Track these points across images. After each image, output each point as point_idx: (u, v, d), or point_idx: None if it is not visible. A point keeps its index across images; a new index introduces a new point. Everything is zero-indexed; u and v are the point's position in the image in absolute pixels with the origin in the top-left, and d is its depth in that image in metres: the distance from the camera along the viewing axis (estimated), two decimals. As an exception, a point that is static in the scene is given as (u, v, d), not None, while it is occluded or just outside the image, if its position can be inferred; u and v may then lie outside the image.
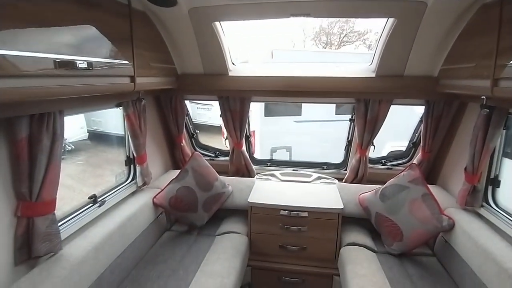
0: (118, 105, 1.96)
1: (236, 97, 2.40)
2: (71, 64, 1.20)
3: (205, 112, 6.58)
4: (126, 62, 1.60)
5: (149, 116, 2.25)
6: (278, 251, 2.24)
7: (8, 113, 1.17)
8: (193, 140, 2.93)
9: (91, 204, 1.82)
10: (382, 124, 2.43)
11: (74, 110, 1.60)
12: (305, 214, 2.17)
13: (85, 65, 1.28)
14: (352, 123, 2.67)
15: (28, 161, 1.30)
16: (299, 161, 3.05)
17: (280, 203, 2.20)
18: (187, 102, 2.68)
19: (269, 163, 2.95)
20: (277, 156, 5.22)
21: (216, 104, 2.52)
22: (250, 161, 2.76)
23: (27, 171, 1.30)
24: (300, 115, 5.63)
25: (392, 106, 2.37)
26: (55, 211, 1.43)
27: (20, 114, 1.22)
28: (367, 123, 2.42)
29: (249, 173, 2.77)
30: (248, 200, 2.24)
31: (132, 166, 2.25)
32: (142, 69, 1.75)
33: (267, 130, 5.42)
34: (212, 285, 1.69)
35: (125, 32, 1.60)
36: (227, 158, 2.81)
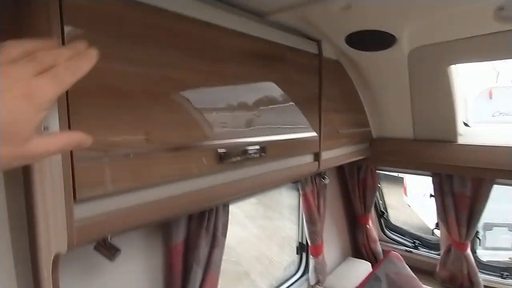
0: (293, 181, 1.54)
1: (467, 176, 1.53)
2: (239, 153, 0.83)
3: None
4: (311, 134, 1.14)
5: (328, 188, 1.73)
6: None
7: (166, 218, 0.89)
8: (381, 220, 2.18)
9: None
10: None
11: (239, 194, 1.26)
12: None
13: (257, 150, 0.88)
14: None
15: (182, 271, 0.98)
16: None
17: None
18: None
19: (505, 274, 1.80)
20: (492, 237, 3.49)
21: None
22: (476, 269, 1.72)
23: (180, 283, 0.99)
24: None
25: None
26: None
27: (177, 217, 0.92)
28: None
29: (472, 287, 1.74)
30: None
31: (304, 255, 1.75)
32: (329, 140, 1.25)
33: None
34: None
35: (312, 91, 1.16)
36: (434, 255, 1.91)
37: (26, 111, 0.32)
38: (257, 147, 0.88)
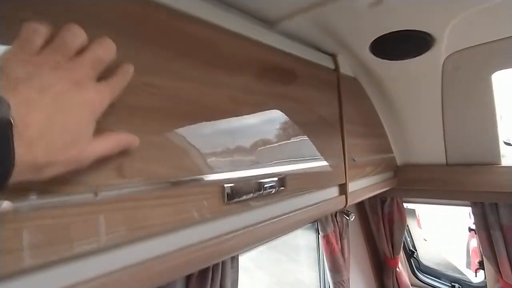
0: (314, 221, 1.30)
1: (516, 204, 1.30)
2: (252, 189, 0.61)
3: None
4: (335, 162, 0.93)
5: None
6: None
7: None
8: (411, 260, 1.89)
9: None
10: None
11: (253, 245, 1.01)
12: None
13: (274, 183, 0.67)
14: None
15: None
16: None
17: None
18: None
19: None
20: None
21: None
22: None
23: None
24: None
25: None
26: None
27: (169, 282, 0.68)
28: None
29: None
30: None
31: (328, 312, 1.46)
32: (354, 169, 1.04)
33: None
34: None
35: (331, 111, 0.97)
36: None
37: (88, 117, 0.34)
38: (275, 179, 0.67)
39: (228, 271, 0.79)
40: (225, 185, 0.56)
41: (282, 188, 0.68)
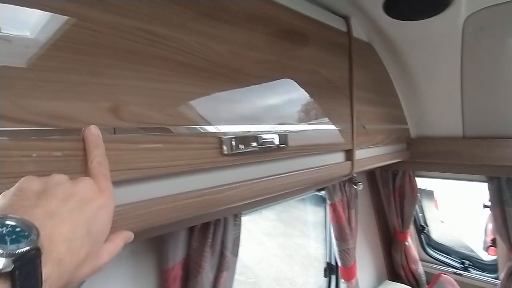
0: (319, 189, 1.31)
1: (535, 180, 1.25)
2: (250, 142, 0.62)
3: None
4: (342, 126, 0.92)
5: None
6: None
7: (154, 231, 0.68)
8: (421, 236, 1.88)
9: None
10: None
11: (256, 205, 1.03)
12: None
13: (276, 142, 0.67)
14: None
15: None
16: None
17: None
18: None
19: None
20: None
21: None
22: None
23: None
24: None
25: None
26: None
27: (172, 230, 0.71)
28: None
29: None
30: None
31: (334, 278, 1.49)
32: (363, 136, 1.03)
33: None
34: None
35: (341, 75, 0.95)
36: (491, 278, 1.59)
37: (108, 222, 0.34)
38: (275, 135, 0.67)
39: (230, 227, 0.82)
40: (223, 137, 0.57)
41: (283, 146, 0.69)
